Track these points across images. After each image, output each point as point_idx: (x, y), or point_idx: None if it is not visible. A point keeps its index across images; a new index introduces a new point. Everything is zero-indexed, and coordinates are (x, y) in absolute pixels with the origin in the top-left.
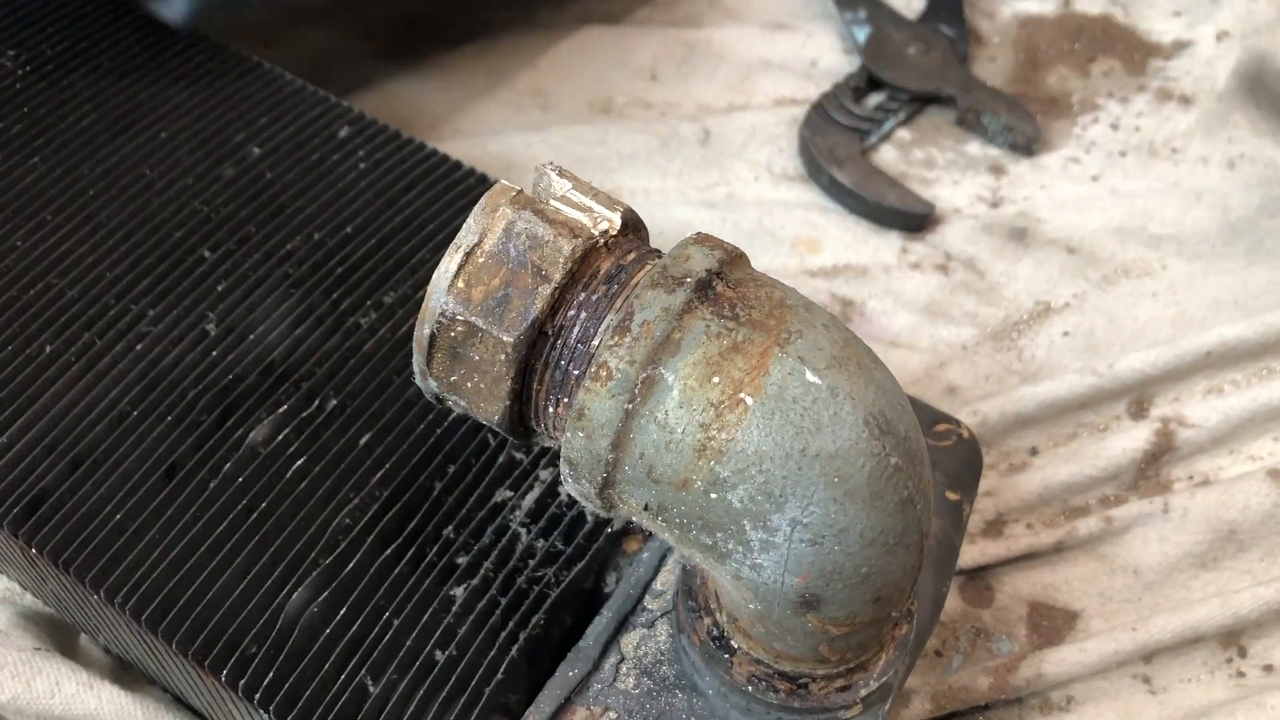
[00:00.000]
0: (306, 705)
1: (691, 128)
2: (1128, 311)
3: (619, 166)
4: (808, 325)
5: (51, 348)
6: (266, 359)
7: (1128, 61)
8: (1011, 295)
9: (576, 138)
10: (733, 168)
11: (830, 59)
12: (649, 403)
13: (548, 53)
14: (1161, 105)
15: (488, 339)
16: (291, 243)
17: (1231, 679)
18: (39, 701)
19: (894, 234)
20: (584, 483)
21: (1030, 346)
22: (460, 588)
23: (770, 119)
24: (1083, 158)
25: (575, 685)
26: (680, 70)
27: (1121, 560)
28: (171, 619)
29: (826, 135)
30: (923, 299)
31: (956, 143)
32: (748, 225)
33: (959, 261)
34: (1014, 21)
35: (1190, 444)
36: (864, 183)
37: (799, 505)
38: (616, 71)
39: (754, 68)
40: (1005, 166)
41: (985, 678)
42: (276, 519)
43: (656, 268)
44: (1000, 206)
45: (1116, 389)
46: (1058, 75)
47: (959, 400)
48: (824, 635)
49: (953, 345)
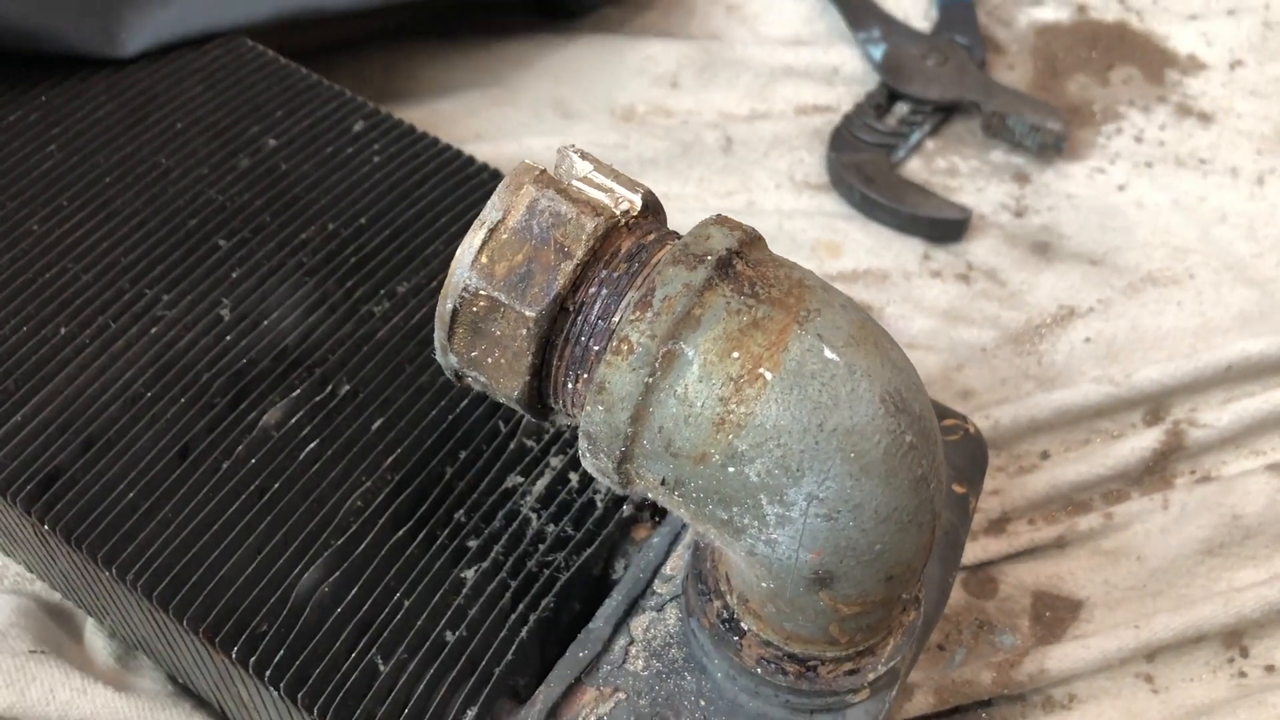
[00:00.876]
0: (316, 683)
1: (713, 134)
2: (1152, 320)
3: (639, 172)
4: (825, 304)
5: (66, 330)
6: (280, 345)
7: (1146, 69)
8: (1034, 300)
9: (597, 142)
10: (754, 175)
11: (852, 66)
12: (669, 377)
13: (568, 62)
14: (1182, 120)
15: (510, 314)
16: (306, 232)
17: (1233, 679)
18: (34, 709)
19: (916, 241)
20: (602, 457)
21: (1050, 352)
22: (471, 570)
23: (792, 127)
24: (1108, 168)
25: (585, 666)
26: (701, 78)
27: (1124, 550)
28: (182, 597)
29: (854, 154)
30: (943, 305)
31: (980, 151)
32: (768, 230)
33: (980, 271)
34: (1030, 30)
35: (1199, 443)
36: (897, 196)
37: (815, 480)
38: (637, 79)
39: (775, 75)
40: (1029, 175)
41: (988, 673)
42: (289, 500)
43: (677, 246)
44: (1025, 215)
45: (1133, 398)
46: (1078, 84)
47: (973, 404)
48: (835, 614)
49: (971, 347)
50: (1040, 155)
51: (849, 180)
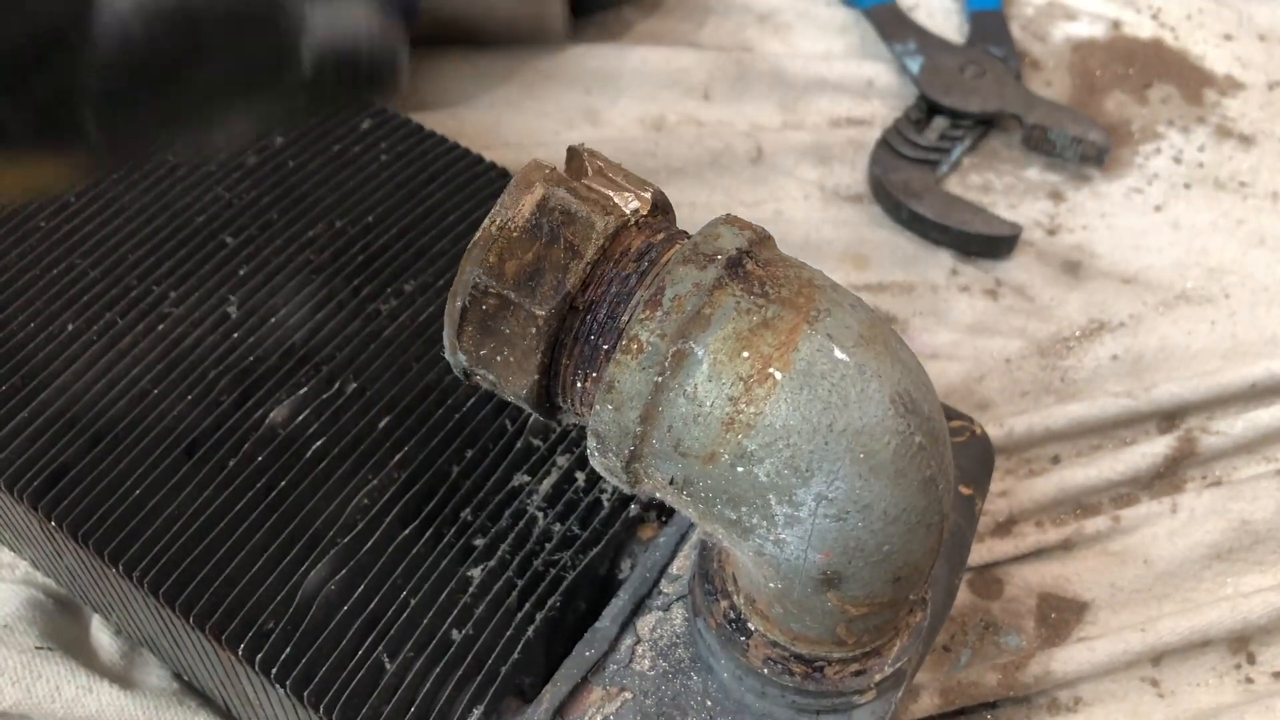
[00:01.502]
0: (322, 681)
1: (744, 144)
2: (1183, 339)
3: (667, 180)
4: (835, 304)
5: (73, 326)
6: (287, 342)
7: (1184, 88)
8: (1063, 314)
9: (626, 149)
10: (783, 185)
11: (886, 79)
12: (678, 376)
13: (599, 74)
14: (1222, 142)
15: (519, 312)
16: (313, 230)
17: (1240, 685)
18: (40, 707)
19: (945, 255)
20: (610, 456)
21: (1076, 367)
22: (477, 569)
23: (825, 139)
24: (1145, 188)
25: (591, 665)
26: (734, 89)
27: (1131, 554)
28: (189, 594)
29: (898, 171)
30: (968, 320)
31: (1015, 167)
32: (795, 240)
33: (1009, 287)
34: (1066, 45)
35: (1211, 450)
36: (946, 213)
37: (824, 480)
38: (669, 91)
39: (809, 87)
40: (1064, 193)
41: (993, 674)
42: (295, 498)
43: (687, 246)
44: (1057, 234)
45: (1150, 411)
46: (1115, 101)
47: (989, 416)
48: (843, 615)
49: (996, 358)
50: (1081, 167)
51: (897, 196)
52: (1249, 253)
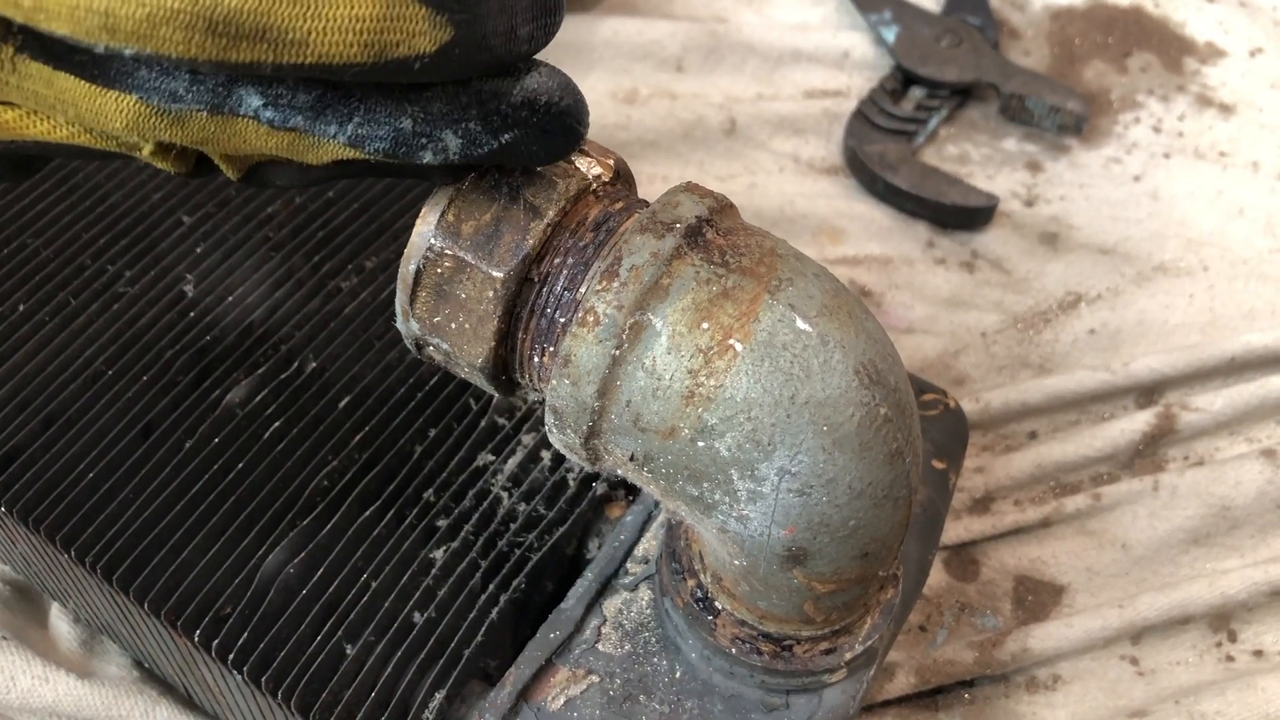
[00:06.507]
0: (281, 666)
1: (718, 117)
2: (1160, 312)
3: (640, 153)
4: (798, 274)
5: (25, 306)
6: (245, 321)
7: (1164, 57)
8: (1041, 286)
9: (597, 122)
10: (757, 158)
11: (862, 50)
12: (636, 349)
13: (571, 45)
14: (1202, 111)
15: (476, 275)
16: (272, 206)
17: (1220, 663)
18: None
19: (920, 227)
20: (569, 433)
21: (1052, 341)
22: (440, 550)
23: (800, 110)
24: (1124, 158)
25: (556, 647)
26: (708, 61)
27: (1110, 536)
28: (144, 579)
29: (874, 142)
30: (945, 293)
31: (993, 138)
32: (769, 213)
33: (986, 259)
34: (1045, 14)
35: (1191, 427)
36: (922, 184)
37: (787, 454)
38: (641, 63)
39: (784, 59)
40: (1042, 163)
41: (970, 652)
42: (253, 480)
43: (645, 214)
44: (1035, 205)
45: (1129, 386)
46: (1095, 70)
47: (965, 391)
48: (810, 593)
49: (972, 331)
50: (1060, 137)
51: (872, 169)
52: (1228, 224)
